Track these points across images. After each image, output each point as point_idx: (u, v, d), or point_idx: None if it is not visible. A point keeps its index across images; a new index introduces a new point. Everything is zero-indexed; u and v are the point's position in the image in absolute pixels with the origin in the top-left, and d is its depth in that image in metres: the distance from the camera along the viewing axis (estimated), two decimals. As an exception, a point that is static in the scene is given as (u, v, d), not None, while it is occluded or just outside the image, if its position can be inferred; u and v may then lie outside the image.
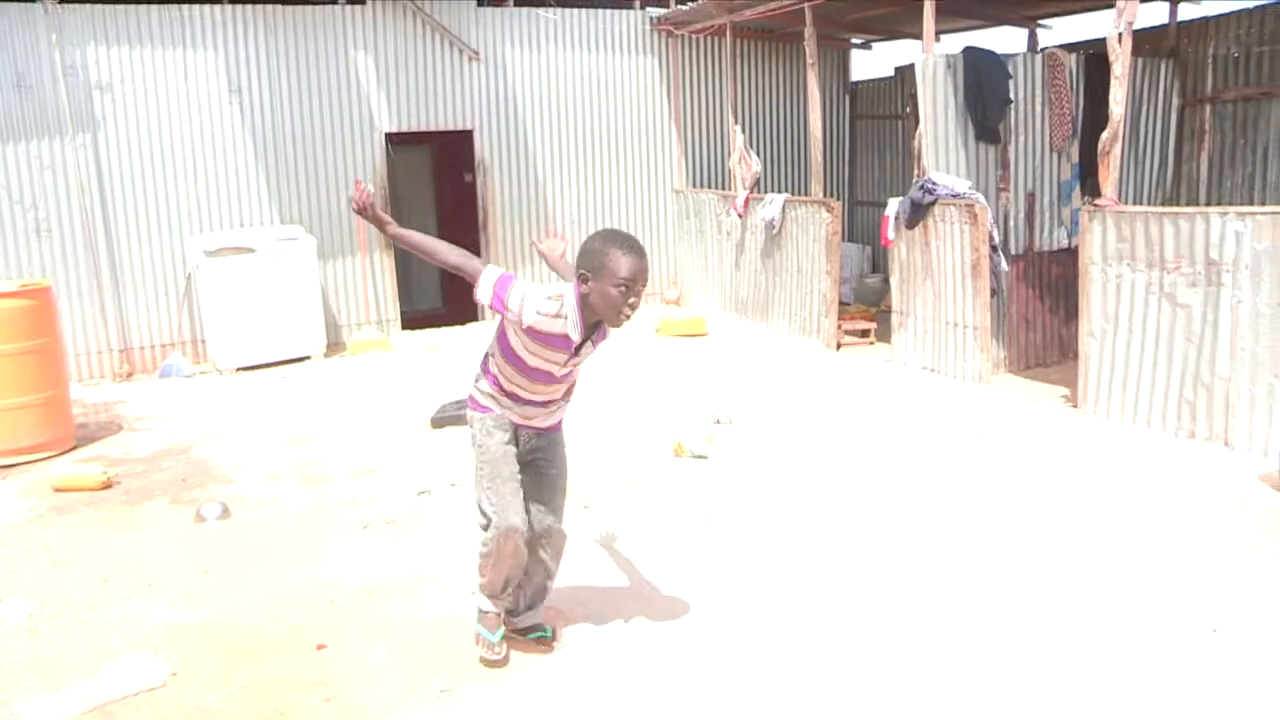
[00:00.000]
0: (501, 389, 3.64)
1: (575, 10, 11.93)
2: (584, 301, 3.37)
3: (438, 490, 5.98)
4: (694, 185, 12.79)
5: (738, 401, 7.75)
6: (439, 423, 7.36)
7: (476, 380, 3.76)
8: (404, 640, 4.10)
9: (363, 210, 3.49)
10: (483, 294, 3.41)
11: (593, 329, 3.51)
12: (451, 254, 3.52)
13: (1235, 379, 6.24)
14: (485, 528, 3.67)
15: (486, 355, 3.72)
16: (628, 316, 3.39)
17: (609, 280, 3.29)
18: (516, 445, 3.70)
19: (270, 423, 7.74)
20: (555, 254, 4.20)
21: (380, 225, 3.54)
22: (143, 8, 9.72)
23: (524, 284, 3.42)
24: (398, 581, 4.70)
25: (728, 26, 11.44)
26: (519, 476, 3.66)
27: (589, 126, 12.24)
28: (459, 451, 6.71)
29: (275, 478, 6.39)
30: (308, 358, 10.14)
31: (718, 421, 7.25)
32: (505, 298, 3.39)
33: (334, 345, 10.65)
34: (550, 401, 3.71)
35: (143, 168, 9.92)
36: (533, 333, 3.42)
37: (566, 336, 3.42)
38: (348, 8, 10.69)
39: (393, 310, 11.36)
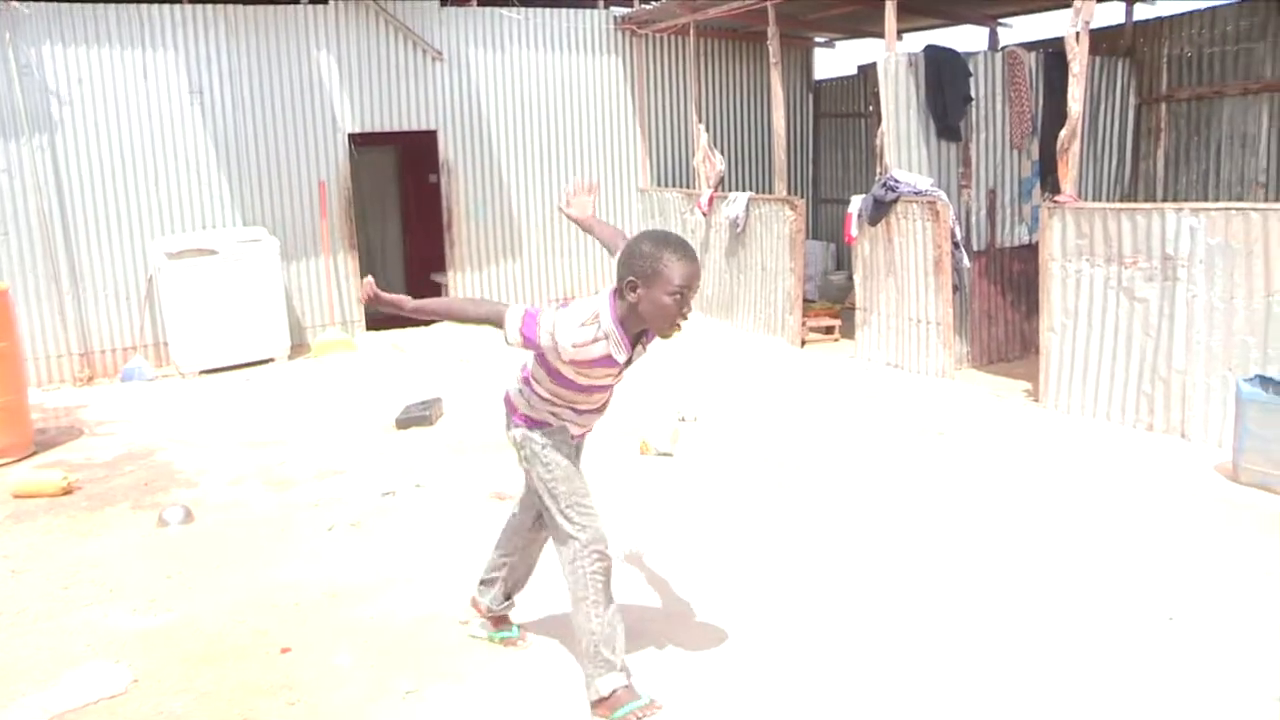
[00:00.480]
0: (556, 403, 3.42)
1: (539, 10, 11.92)
2: (631, 312, 3.13)
3: (403, 491, 5.97)
4: (658, 184, 12.82)
5: (703, 399, 7.78)
6: (404, 423, 7.34)
7: (522, 395, 3.50)
8: (369, 642, 4.09)
9: (372, 302, 3.36)
10: (511, 337, 3.21)
11: (638, 337, 3.26)
12: (474, 309, 3.45)
13: (1191, 372, 6.33)
14: (564, 550, 3.41)
15: (528, 376, 3.48)
16: (679, 327, 3.15)
17: (663, 288, 3.04)
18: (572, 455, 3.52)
19: (234, 425, 7.69)
20: (586, 213, 3.84)
21: (398, 307, 3.37)
22: (100, 7, 9.62)
23: (549, 313, 3.19)
24: (363, 583, 4.68)
25: (691, 26, 11.48)
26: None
27: (553, 126, 12.23)
28: (424, 452, 6.72)
29: (239, 481, 6.35)
30: (272, 360, 10.08)
31: (683, 419, 7.27)
32: (534, 337, 3.18)
33: (298, 347, 10.58)
34: (607, 403, 3.56)
35: (102, 169, 9.83)
36: (575, 361, 3.20)
37: (610, 357, 3.20)
38: (310, 8, 10.62)
39: (357, 311, 11.30)
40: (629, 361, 3.27)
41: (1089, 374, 6.96)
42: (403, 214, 13.70)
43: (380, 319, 11.24)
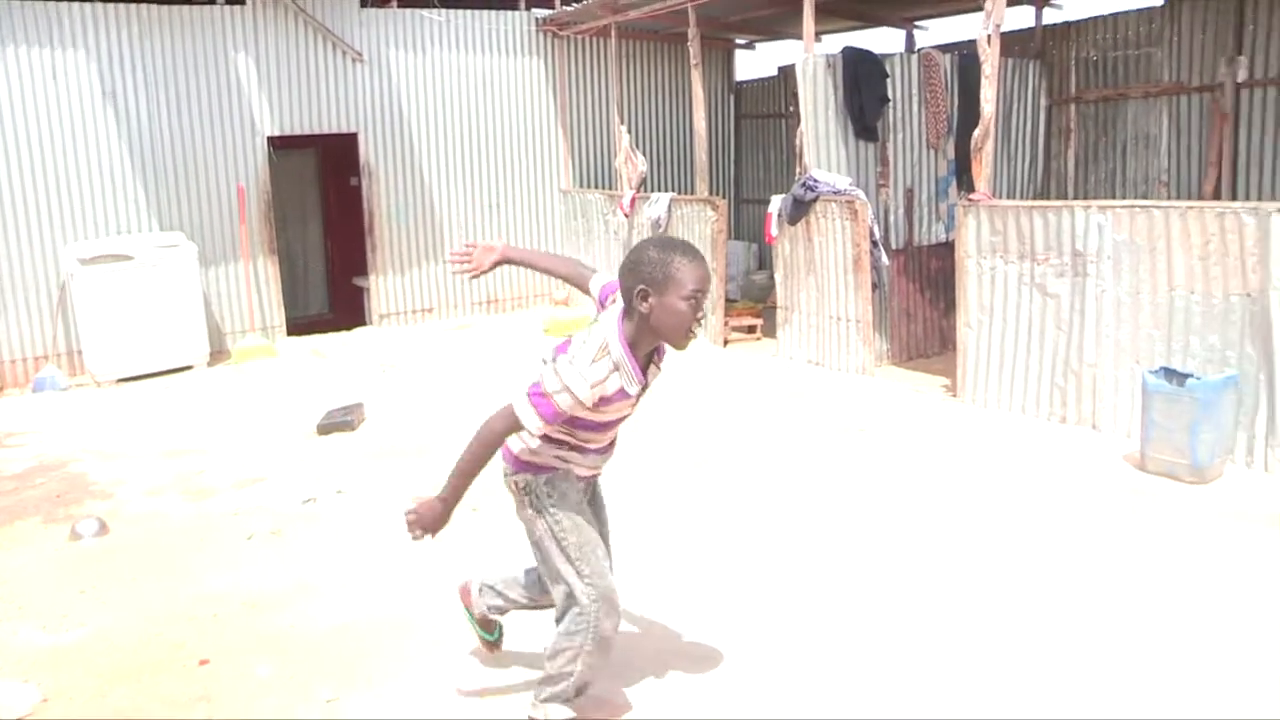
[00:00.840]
0: (566, 443, 3.13)
1: (460, 11, 11.86)
2: (642, 327, 2.92)
3: (324, 498, 5.90)
4: (581, 185, 12.83)
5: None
6: (325, 429, 7.25)
7: (523, 441, 3.15)
8: (289, 651, 4.04)
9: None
10: (535, 428, 2.94)
11: (649, 357, 3.05)
12: (488, 437, 3.01)
13: (1101, 364, 6.52)
14: (571, 606, 3.14)
15: None
16: (695, 335, 2.96)
17: (676, 293, 2.83)
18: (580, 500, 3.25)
19: (151, 435, 7.53)
20: (500, 257, 3.51)
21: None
22: (5, 4, 9.34)
23: (552, 374, 2.89)
24: (283, 592, 4.62)
25: (613, 27, 11.50)
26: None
27: (475, 128, 12.18)
28: (346, 458, 6.65)
29: (156, 491, 6.22)
30: (190, 367, 9.89)
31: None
32: (556, 411, 2.90)
33: (218, 354, 10.40)
34: (615, 441, 3.29)
35: (9, 172, 9.55)
36: (599, 399, 2.92)
37: (623, 390, 2.96)
38: (226, 8, 10.44)
39: (278, 316, 11.13)
40: (645, 388, 3.05)
41: (1004, 368, 7.12)
42: (324, 217, 13.52)
43: (301, 324, 11.10)
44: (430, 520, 3.08)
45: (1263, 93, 8.46)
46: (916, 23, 11.87)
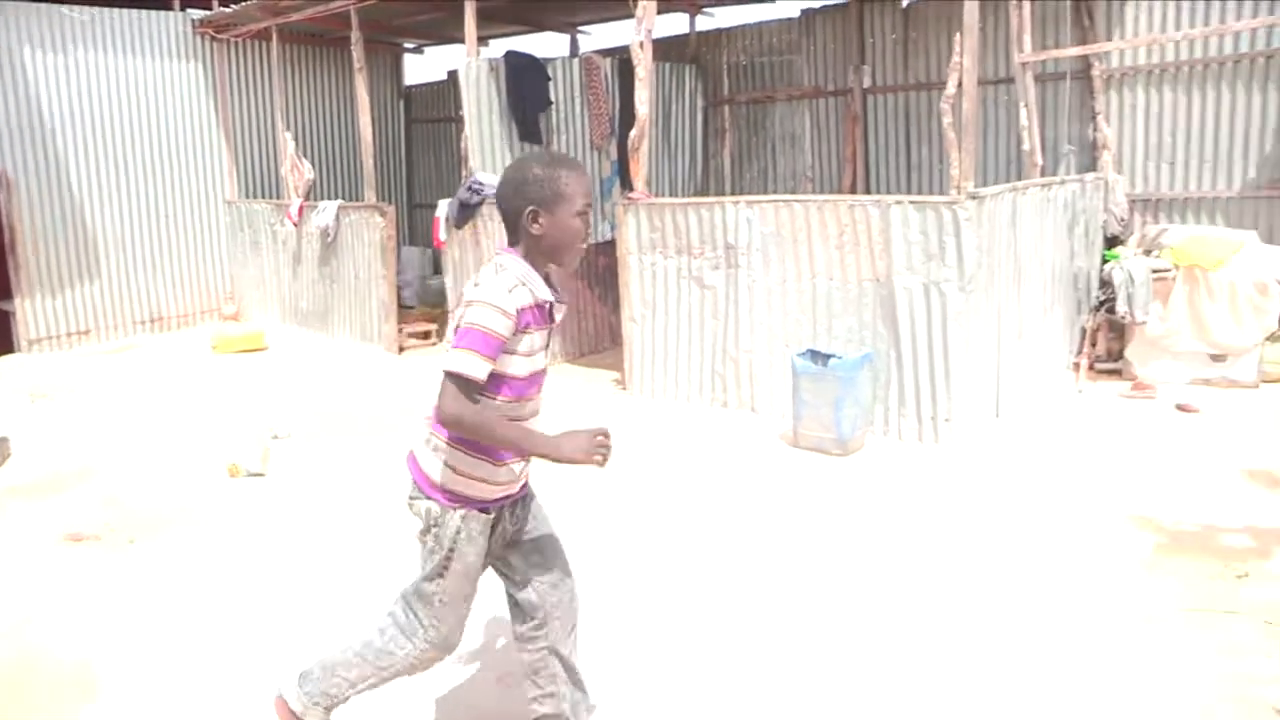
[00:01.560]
0: (487, 450, 2.76)
1: (106, 10, 10.90)
2: (534, 249, 2.69)
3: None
4: (247, 195, 12.18)
5: (298, 414, 7.48)
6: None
7: (437, 455, 2.79)
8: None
9: None
10: (478, 370, 2.57)
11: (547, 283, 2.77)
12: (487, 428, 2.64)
13: (755, 351, 6.90)
14: (411, 634, 2.86)
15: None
16: (583, 251, 2.78)
17: (568, 209, 2.66)
18: (503, 535, 2.92)
19: None
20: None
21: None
22: None
23: (470, 308, 2.61)
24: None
25: (274, 30, 11.00)
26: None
27: (130, 137, 11.26)
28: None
29: None
30: None
31: (276, 437, 6.94)
32: (491, 333, 2.57)
33: None
34: (536, 419, 2.92)
35: None
36: (520, 318, 2.63)
37: (536, 308, 2.69)
38: None
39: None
40: (552, 318, 2.77)
41: (669, 359, 7.39)
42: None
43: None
44: (575, 444, 2.65)
45: (884, 98, 9.31)
46: (580, 28, 12.12)
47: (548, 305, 2.72)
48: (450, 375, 2.57)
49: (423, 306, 11.57)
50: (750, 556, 4.58)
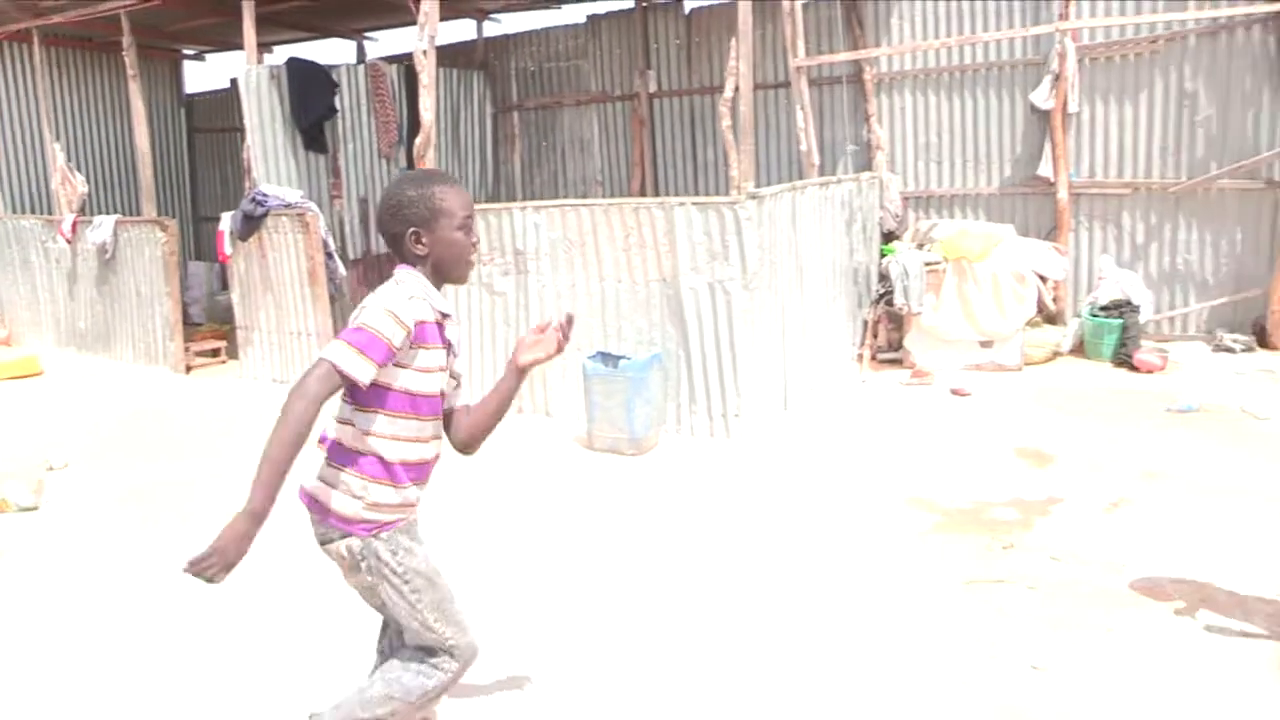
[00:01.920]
0: (398, 471, 2.67)
1: None
2: (422, 268, 2.64)
3: None
4: (13, 211, 11.37)
5: (77, 442, 7.06)
6: None
7: (342, 481, 2.65)
8: None
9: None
10: (358, 370, 2.44)
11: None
12: (284, 430, 2.45)
13: (550, 356, 6.91)
14: (434, 660, 2.76)
15: (351, 452, 2.65)
16: (473, 263, 2.76)
17: (449, 224, 2.62)
18: None
19: None
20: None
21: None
22: None
23: (367, 313, 2.51)
24: None
25: (35, 32, 10.32)
26: None
27: None
28: None
29: None
30: None
31: (51, 467, 6.53)
32: (383, 339, 2.48)
33: None
34: (439, 439, 2.83)
35: None
36: (419, 334, 2.56)
37: (437, 323, 2.65)
38: None
39: None
40: (446, 341, 2.71)
41: (460, 367, 7.32)
42: None
43: None
44: (235, 545, 2.38)
45: (669, 102, 9.52)
46: (366, 34, 11.89)
47: (445, 321, 2.71)
48: (325, 360, 2.45)
49: (210, 324, 11.12)
50: (545, 557, 4.60)
